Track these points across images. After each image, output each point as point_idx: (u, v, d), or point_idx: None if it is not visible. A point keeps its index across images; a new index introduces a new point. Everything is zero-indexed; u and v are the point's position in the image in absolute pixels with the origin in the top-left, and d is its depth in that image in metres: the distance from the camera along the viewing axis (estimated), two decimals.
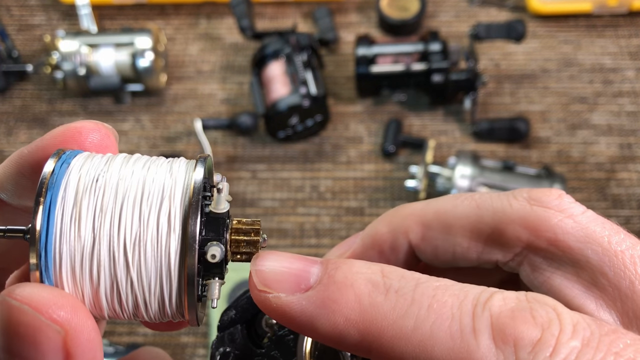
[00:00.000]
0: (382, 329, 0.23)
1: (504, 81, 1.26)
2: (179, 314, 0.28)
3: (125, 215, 0.27)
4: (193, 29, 1.37)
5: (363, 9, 1.38)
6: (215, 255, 0.27)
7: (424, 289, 0.24)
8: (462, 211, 0.30)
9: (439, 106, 1.23)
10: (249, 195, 1.17)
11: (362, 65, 1.18)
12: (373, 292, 0.24)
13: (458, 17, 1.35)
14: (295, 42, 1.19)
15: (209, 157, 0.31)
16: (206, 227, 0.28)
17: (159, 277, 0.27)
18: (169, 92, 1.29)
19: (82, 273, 0.26)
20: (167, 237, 0.26)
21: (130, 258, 0.26)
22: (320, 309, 0.24)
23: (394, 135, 1.18)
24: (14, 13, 1.43)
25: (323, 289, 0.25)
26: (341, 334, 0.24)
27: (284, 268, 0.26)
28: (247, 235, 0.29)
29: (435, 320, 0.23)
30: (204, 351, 1.03)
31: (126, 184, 0.27)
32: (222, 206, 0.28)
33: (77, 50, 1.21)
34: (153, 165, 0.29)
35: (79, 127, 0.31)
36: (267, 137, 1.21)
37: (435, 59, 1.16)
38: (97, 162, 0.28)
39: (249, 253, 0.29)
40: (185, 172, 0.28)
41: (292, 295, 0.25)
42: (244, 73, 1.30)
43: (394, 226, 0.32)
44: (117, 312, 0.28)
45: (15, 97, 1.31)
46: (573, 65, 1.28)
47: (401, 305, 0.23)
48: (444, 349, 0.22)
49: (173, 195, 0.27)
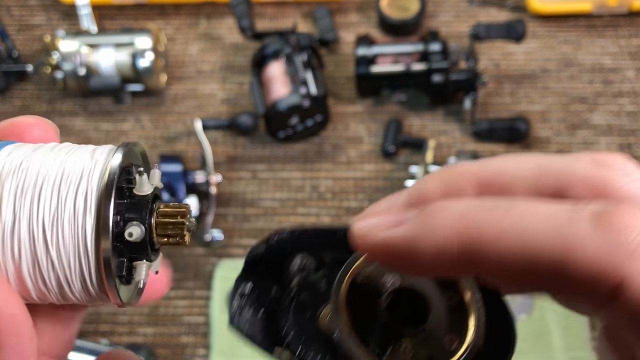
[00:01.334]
0: (480, 234, 0.24)
1: (504, 81, 1.26)
2: (102, 293, 0.28)
3: (44, 195, 0.28)
4: (193, 29, 1.37)
5: (363, 9, 1.38)
6: (132, 234, 0.28)
7: (518, 202, 0.25)
8: (522, 171, 0.29)
9: (439, 106, 1.23)
10: (249, 195, 1.17)
11: (362, 65, 1.18)
12: (467, 210, 0.25)
13: (458, 17, 1.35)
14: (295, 42, 1.19)
15: (139, 144, 0.32)
16: (128, 209, 0.29)
17: (78, 256, 0.27)
18: (169, 92, 1.29)
19: (4, 252, 0.27)
20: (83, 216, 0.27)
21: (49, 237, 0.27)
22: (420, 231, 0.25)
23: (394, 136, 1.18)
24: (14, 13, 1.43)
25: (420, 216, 0.26)
26: (443, 249, 0.25)
27: (382, 217, 0.27)
28: (174, 218, 0.30)
29: (535, 214, 0.24)
30: (204, 351, 1.03)
31: (48, 166, 0.28)
32: (145, 189, 0.29)
33: (77, 50, 1.21)
34: (78, 151, 0.30)
35: (17, 122, 0.32)
36: (267, 137, 1.21)
37: (435, 59, 1.16)
38: (25, 150, 0.30)
39: (177, 235, 0.30)
40: (107, 156, 0.29)
41: (393, 229, 0.26)
42: (244, 73, 1.30)
43: (447, 185, 0.30)
44: (45, 293, 0.29)
45: (15, 97, 1.31)
46: (573, 65, 1.28)
47: (498, 212, 0.24)
48: (546, 236, 0.23)
49: (91, 176, 0.28)
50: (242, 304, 0.33)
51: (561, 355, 0.97)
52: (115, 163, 0.28)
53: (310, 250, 0.34)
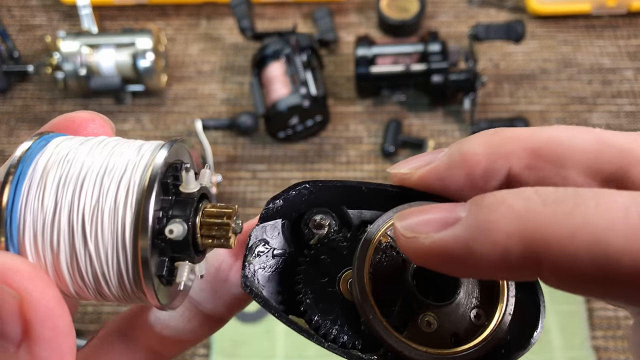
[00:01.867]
0: (548, 233, 0.21)
1: (503, 81, 1.27)
2: (139, 292, 0.27)
3: (86, 187, 0.27)
4: (193, 29, 1.38)
5: (363, 9, 1.38)
6: (173, 230, 0.27)
7: (586, 193, 0.22)
8: (581, 144, 0.26)
9: (439, 106, 1.23)
10: (249, 195, 1.17)
11: (362, 65, 1.19)
12: (529, 203, 0.22)
13: (457, 18, 1.36)
14: (295, 42, 1.19)
15: (188, 141, 0.31)
16: (173, 207, 0.28)
17: (116, 250, 0.27)
18: (169, 93, 1.29)
19: (44, 242, 0.27)
20: (123, 209, 0.26)
21: (89, 229, 0.26)
22: (476, 231, 0.22)
23: (393, 136, 1.18)
24: (15, 14, 1.43)
25: (475, 213, 0.23)
26: (504, 251, 0.22)
27: (430, 215, 0.24)
28: (219, 219, 0.28)
29: (609, 214, 0.21)
30: (204, 351, 1.03)
31: (93, 158, 0.28)
32: (192, 186, 0.28)
33: (78, 50, 1.21)
34: (125, 145, 0.29)
35: (73, 117, 0.31)
36: (267, 137, 1.21)
37: (435, 60, 1.16)
38: (73, 142, 0.29)
39: (221, 237, 0.28)
40: (153, 151, 0.28)
41: (444, 231, 0.23)
42: (244, 73, 1.30)
43: (494, 148, 0.27)
44: (82, 287, 0.28)
45: (16, 97, 1.31)
46: (572, 65, 1.28)
47: (564, 208, 0.21)
48: (623, 238, 0.20)
49: (135, 170, 0.27)
50: (256, 265, 0.31)
51: (561, 355, 0.97)
52: (161, 158, 0.27)
53: (331, 206, 0.32)
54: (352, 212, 0.32)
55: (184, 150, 0.31)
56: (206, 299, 0.33)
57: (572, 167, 0.26)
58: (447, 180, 0.29)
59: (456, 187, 0.29)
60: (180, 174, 0.28)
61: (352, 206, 0.32)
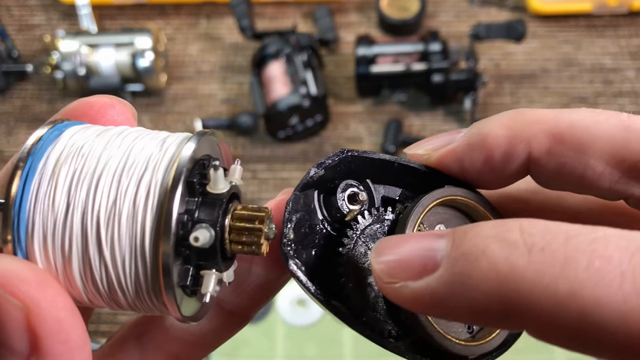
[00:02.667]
0: (531, 299, 0.19)
1: (504, 81, 1.26)
2: (159, 303, 0.24)
3: (102, 185, 0.24)
4: (193, 29, 1.37)
5: (363, 9, 1.37)
6: (199, 238, 0.23)
7: (579, 243, 0.19)
8: (606, 130, 0.25)
9: (439, 106, 1.23)
10: (249, 195, 1.17)
11: (362, 65, 1.18)
12: (512, 255, 0.19)
13: (458, 17, 1.35)
14: (295, 42, 1.19)
15: (218, 134, 0.27)
16: (199, 209, 0.24)
17: (134, 258, 0.23)
18: (169, 92, 1.29)
19: (54, 245, 0.24)
20: (143, 212, 0.23)
21: (104, 232, 0.23)
22: (453, 288, 0.21)
23: (394, 135, 1.18)
24: (14, 13, 1.43)
25: (451, 265, 0.21)
26: (482, 311, 0.20)
27: (407, 253, 0.22)
28: (250, 223, 0.25)
29: (600, 281, 0.18)
30: None
31: (111, 152, 0.24)
32: (221, 186, 0.25)
33: (77, 50, 1.21)
34: (148, 137, 0.26)
35: (91, 102, 0.28)
36: (267, 137, 1.21)
37: (435, 59, 1.16)
38: (90, 132, 0.26)
39: (252, 244, 0.25)
40: (179, 145, 0.25)
41: (421, 280, 0.21)
42: (244, 73, 1.30)
43: (515, 130, 0.26)
44: (95, 296, 0.25)
45: (15, 97, 1.31)
46: (573, 65, 1.28)
47: (551, 267, 0.19)
48: (615, 316, 0.18)
49: (157, 168, 0.24)
50: (293, 239, 0.28)
51: (561, 354, 0.97)
52: (187, 154, 0.24)
53: (360, 179, 0.30)
54: (376, 186, 0.31)
55: (213, 144, 0.27)
56: (229, 293, 0.30)
57: (594, 154, 0.25)
58: (465, 163, 0.28)
59: (475, 170, 0.28)
60: (208, 172, 0.25)
61: (376, 180, 0.31)
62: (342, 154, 0.29)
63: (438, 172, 0.30)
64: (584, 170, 0.26)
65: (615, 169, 0.25)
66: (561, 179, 0.27)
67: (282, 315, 1.03)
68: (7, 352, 0.23)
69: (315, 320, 1.02)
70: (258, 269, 0.30)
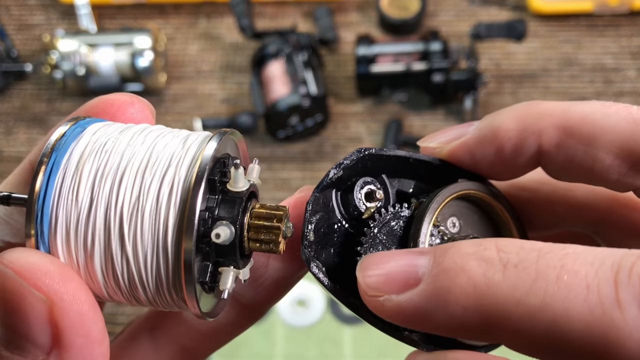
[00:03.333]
0: (506, 311, 0.20)
1: (504, 81, 1.26)
2: (179, 299, 0.25)
3: (126, 181, 0.24)
4: (193, 28, 1.37)
5: (363, 8, 1.37)
6: (220, 235, 0.24)
7: (549, 259, 0.21)
8: (615, 124, 0.25)
9: (440, 106, 1.23)
10: None
11: (362, 65, 1.18)
12: (488, 271, 0.21)
13: (458, 17, 1.35)
14: (295, 41, 1.19)
15: (237, 133, 0.28)
16: (219, 206, 0.25)
17: (156, 253, 0.24)
18: (168, 92, 1.29)
19: (77, 240, 0.24)
20: (167, 209, 0.24)
21: (127, 228, 0.24)
22: (434, 302, 0.22)
23: (394, 135, 1.17)
24: (13, 12, 1.43)
25: (432, 280, 0.22)
26: (461, 324, 0.22)
27: (391, 269, 0.24)
28: (268, 221, 0.26)
29: (568, 294, 0.20)
30: None
31: (134, 149, 0.25)
32: (241, 184, 0.26)
33: (77, 49, 1.20)
34: (170, 135, 0.26)
35: (111, 99, 0.29)
36: (267, 137, 1.21)
37: (436, 59, 1.16)
38: (112, 129, 0.26)
39: (270, 242, 0.26)
40: (201, 144, 0.25)
41: (403, 294, 0.23)
42: (243, 73, 1.30)
43: (526, 124, 0.27)
44: (116, 291, 0.25)
45: (14, 96, 1.30)
46: (574, 64, 1.28)
47: (524, 281, 0.20)
48: (582, 326, 0.19)
49: (180, 165, 0.25)
50: (313, 238, 0.29)
51: None
52: (209, 152, 0.24)
53: (375, 175, 0.31)
54: (391, 181, 0.32)
55: (232, 144, 0.28)
56: (245, 287, 0.30)
57: (603, 147, 0.26)
58: (477, 156, 0.28)
59: (486, 162, 0.28)
60: (229, 170, 0.26)
61: (390, 175, 0.32)
62: (359, 154, 0.30)
63: (450, 165, 0.31)
64: (593, 162, 0.26)
65: (623, 161, 0.26)
66: (570, 170, 0.27)
67: (282, 315, 1.02)
68: (30, 345, 0.23)
69: (315, 320, 1.01)
70: (276, 263, 0.30)
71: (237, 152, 0.29)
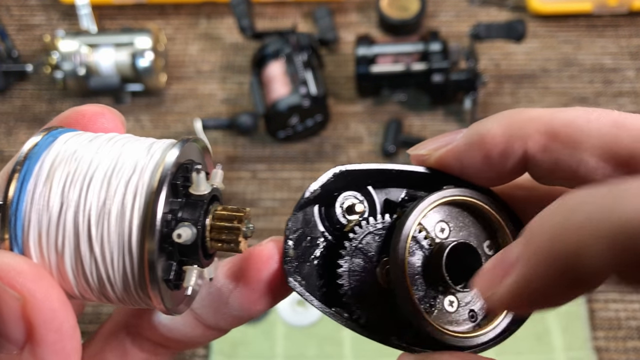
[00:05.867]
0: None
1: (504, 81, 1.26)
2: (145, 296, 0.26)
3: (94, 187, 0.26)
4: (193, 28, 1.37)
5: (363, 8, 1.37)
6: (181, 235, 0.26)
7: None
8: (597, 128, 0.26)
9: (439, 106, 1.23)
10: (249, 196, 1.17)
11: (362, 65, 1.18)
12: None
13: (458, 17, 1.35)
14: (295, 42, 1.19)
15: (201, 141, 0.30)
16: (182, 209, 0.27)
17: (122, 254, 0.26)
18: (168, 92, 1.29)
19: (48, 242, 0.26)
20: (131, 212, 0.26)
21: (95, 231, 0.26)
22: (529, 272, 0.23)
23: (394, 135, 1.18)
24: (14, 13, 1.43)
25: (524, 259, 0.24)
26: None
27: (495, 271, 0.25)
28: (229, 222, 0.28)
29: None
30: (204, 351, 1.03)
31: (102, 156, 0.27)
32: (202, 188, 0.27)
33: (77, 50, 1.21)
34: (137, 143, 0.28)
35: (82, 111, 0.31)
36: (267, 137, 1.21)
37: (436, 59, 1.16)
38: (82, 138, 0.28)
39: (231, 241, 0.28)
40: (164, 150, 0.27)
41: (506, 281, 0.24)
42: (244, 73, 1.30)
43: (512, 130, 0.28)
44: (86, 289, 0.27)
45: (15, 97, 1.31)
46: (573, 65, 1.28)
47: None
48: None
49: (144, 171, 0.26)
50: (294, 256, 0.30)
51: (561, 355, 0.97)
52: (171, 159, 0.26)
53: (358, 188, 0.32)
54: (377, 192, 0.32)
55: (196, 150, 0.30)
56: (208, 315, 0.32)
57: (587, 150, 0.27)
58: (465, 161, 0.29)
59: (474, 168, 0.29)
60: (191, 176, 0.28)
61: (377, 186, 0.32)
62: (337, 172, 0.31)
63: (439, 172, 0.31)
64: (578, 165, 0.27)
65: (607, 163, 0.27)
66: (557, 173, 0.28)
67: (281, 315, 1.03)
68: (4, 340, 0.24)
69: (315, 320, 1.01)
70: (236, 301, 0.31)
71: (201, 158, 0.30)
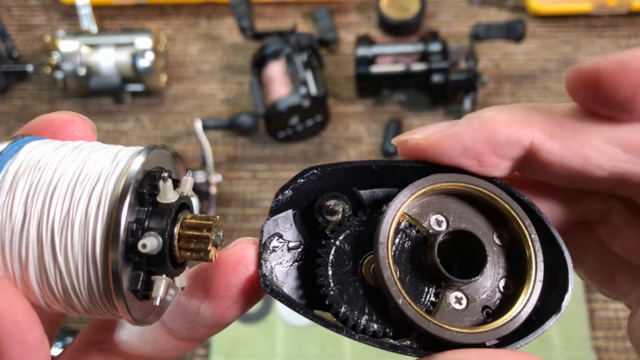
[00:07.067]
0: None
1: (503, 81, 1.26)
2: (111, 307, 0.26)
3: (57, 197, 0.25)
4: (193, 29, 1.37)
5: (363, 9, 1.38)
6: (146, 245, 0.25)
7: None
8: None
9: (439, 106, 1.23)
10: (249, 196, 1.17)
11: (362, 65, 1.18)
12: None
13: (458, 17, 1.35)
14: (295, 42, 1.19)
15: (170, 147, 0.29)
16: (149, 217, 0.26)
17: (86, 264, 0.25)
18: (169, 92, 1.29)
19: (12, 253, 0.25)
20: (94, 222, 0.25)
21: (58, 241, 0.25)
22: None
23: (394, 135, 1.17)
24: (14, 13, 1.43)
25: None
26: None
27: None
28: (198, 231, 0.27)
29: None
30: (204, 351, 1.03)
31: (66, 166, 0.26)
32: (170, 196, 0.26)
33: (78, 50, 1.21)
34: (103, 151, 0.27)
35: (52, 118, 0.30)
36: (267, 137, 1.21)
37: (435, 59, 1.16)
38: (48, 147, 0.27)
39: (200, 250, 0.27)
40: (130, 158, 0.26)
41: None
42: (244, 73, 1.30)
43: (518, 116, 0.27)
44: (52, 300, 0.26)
45: (15, 97, 1.31)
46: (573, 65, 1.28)
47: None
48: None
49: (108, 179, 0.26)
50: (272, 261, 0.30)
51: (561, 355, 0.97)
52: (136, 166, 0.26)
53: (341, 189, 0.31)
54: (364, 192, 0.31)
55: (166, 157, 0.29)
56: (179, 328, 0.31)
57: (594, 137, 0.27)
58: (466, 142, 0.28)
59: (476, 151, 0.28)
60: (158, 184, 0.27)
61: (364, 186, 0.31)
62: (306, 172, 0.30)
63: (423, 165, 0.30)
64: (587, 150, 0.27)
65: (614, 146, 0.27)
66: (565, 160, 0.27)
67: (282, 315, 1.03)
68: None
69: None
70: (207, 313, 0.30)
71: (171, 166, 0.30)
